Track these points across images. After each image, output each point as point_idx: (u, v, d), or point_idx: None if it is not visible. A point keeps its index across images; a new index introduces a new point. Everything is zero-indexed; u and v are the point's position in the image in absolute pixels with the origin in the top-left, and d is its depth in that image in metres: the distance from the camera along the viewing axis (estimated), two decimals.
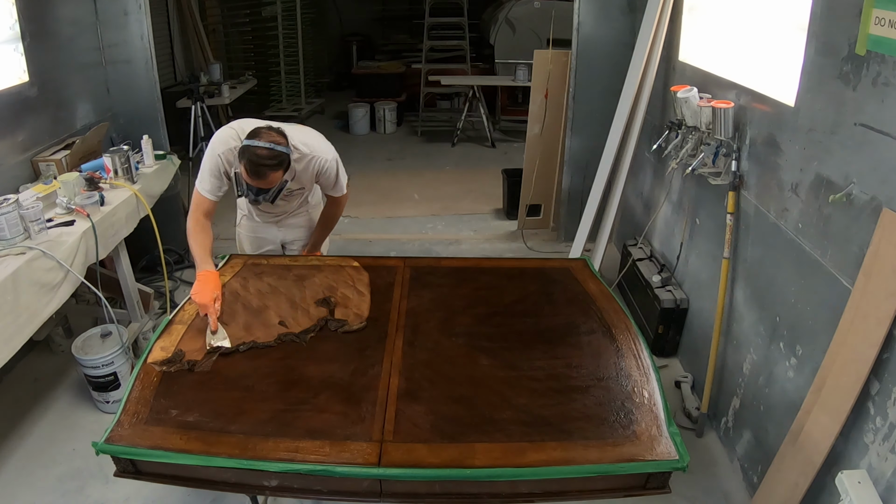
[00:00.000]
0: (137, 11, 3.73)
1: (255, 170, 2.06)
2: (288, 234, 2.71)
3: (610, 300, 2.22)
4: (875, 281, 1.61)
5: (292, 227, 2.70)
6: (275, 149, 2.06)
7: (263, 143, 2.05)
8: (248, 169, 2.07)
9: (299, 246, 2.75)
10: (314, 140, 2.36)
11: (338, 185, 2.46)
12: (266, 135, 2.08)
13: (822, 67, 1.90)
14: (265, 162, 2.05)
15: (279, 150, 2.08)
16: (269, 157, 2.05)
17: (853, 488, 1.52)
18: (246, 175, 2.11)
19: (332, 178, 2.42)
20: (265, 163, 2.06)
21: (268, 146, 2.05)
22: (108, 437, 1.56)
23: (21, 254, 2.23)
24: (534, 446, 1.54)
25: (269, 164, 2.06)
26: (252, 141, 2.06)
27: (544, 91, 4.25)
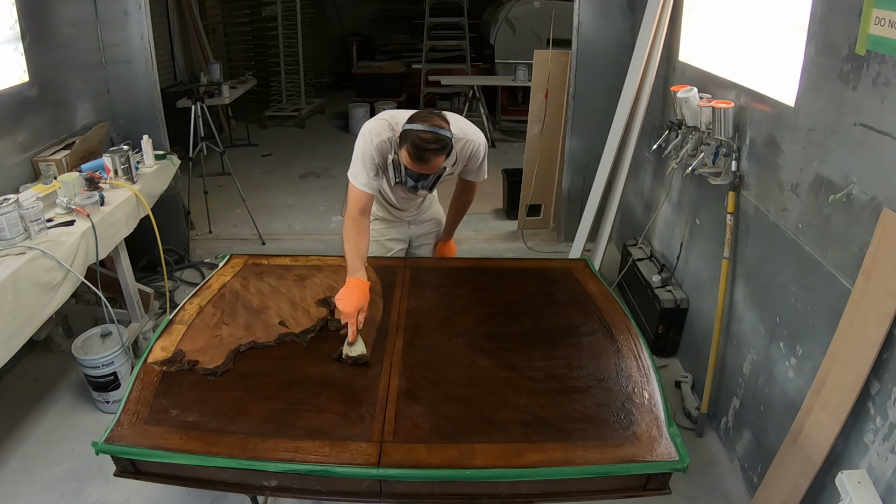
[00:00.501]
0: (137, 11, 3.73)
1: (419, 154, 1.98)
2: (419, 230, 2.63)
3: (610, 300, 2.22)
4: (875, 281, 1.61)
5: (424, 223, 2.63)
6: (438, 132, 1.97)
7: (427, 127, 1.96)
8: (412, 153, 1.98)
9: (431, 240, 2.68)
10: (465, 124, 2.28)
11: (482, 170, 2.43)
12: (429, 119, 2.00)
13: (822, 67, 1.90)
14: (429, 146, 1.96)
15: (442, 134, 1.98)
16: (433, 141, 1.97)
17: (853, 488, 1.52)
18: (409, 160, 2.02)
19: (479, 162, 2.38)
20: (430, 147, 1.97)
21: (432, 130, 1.96)
22: (108, 437, 1.56)
23: (21, 254, 2.23)
24: (534, 447, 1.53)
25: (434, 147, 1.97)
26: (414, 125, 1.98)
27: (544, 91, 4.25)
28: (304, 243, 4.53)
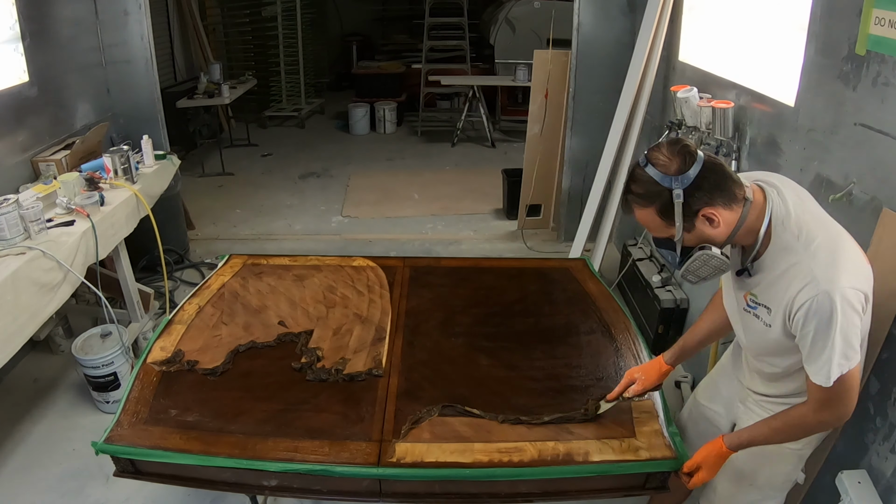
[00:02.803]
0: (137, 11, 3.72)
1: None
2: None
3: (609, 300, 2.22)
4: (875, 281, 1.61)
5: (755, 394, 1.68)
6: (637, 167, 1.35)
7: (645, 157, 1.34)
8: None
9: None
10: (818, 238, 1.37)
11: (811, 357, 1.35)
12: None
13: (822, 67, 1.90)
14: (628, 184, 1.35)
15: (637, 170, 1.34)
16: (630, 178, 1.38)
17: (853, 488, 1.52)
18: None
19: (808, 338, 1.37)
20: (628, 185, 1.35)
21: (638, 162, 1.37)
22: (108, 437, 1.56)
23: (21, 254, 2.23)
24: (533, 446, 1.54)
25: (629, 187, 1.35)
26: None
27: (544, 91, 4.25)
28: (304, 243, 4.53)
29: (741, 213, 1.28)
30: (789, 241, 1.27)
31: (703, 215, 1.26)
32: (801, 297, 1.22)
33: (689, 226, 1.28)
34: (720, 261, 1.30)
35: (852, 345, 1.22)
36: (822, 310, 1.20)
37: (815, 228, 1.27)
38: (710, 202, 1.25)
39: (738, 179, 1.30)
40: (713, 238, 1.29)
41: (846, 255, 1.25)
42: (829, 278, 1.20)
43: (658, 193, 1.26)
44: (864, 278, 1.26)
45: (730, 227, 1.28)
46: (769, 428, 1.38)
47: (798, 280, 1.23)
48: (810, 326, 1.22)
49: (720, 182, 1.25)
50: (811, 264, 1.23)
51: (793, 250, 1.26)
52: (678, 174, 1.23)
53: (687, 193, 1.24)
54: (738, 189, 1.27)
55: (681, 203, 1.24)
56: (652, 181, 1.26)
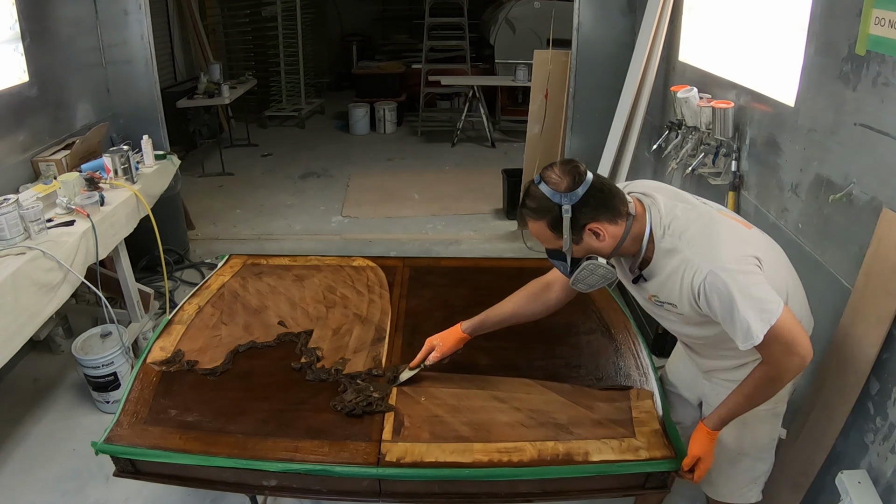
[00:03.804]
0: (137, 11, 3.72)
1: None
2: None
3: (609, 300, 2.22)
4: (875, 281, 1.61)
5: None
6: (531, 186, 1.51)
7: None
8: None
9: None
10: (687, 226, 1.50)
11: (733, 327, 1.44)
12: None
13: (822, 67, 1.90)
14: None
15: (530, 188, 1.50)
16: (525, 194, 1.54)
17: (853, 488, 1.52)
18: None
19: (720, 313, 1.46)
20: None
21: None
22: (108, 437, 1.56)
23: (21, 254, 2.23)
24: (533, 446, 1.53)
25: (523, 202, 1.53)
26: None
27: (544, 91, 4.25)
28: (303, 243, 4.53)
29: (625, 227, 1.41)
30: (670, 242, 1.39)
31: (589, 229, 1.39)
32: (695, 284, 1.34)
33: (576, 238, 1.40)
34: (606, 270, 1.43)
35: (764, 298, 1.30)
36: (716, 288, 1.30)
37: (686, 222, 1.39)
38: (596, 218, 1.38)
39: (624, 197, 1.43)
40: (600, 250, 1.42)
41: (719, 233, 1.37)
42: (711, 258, 1.32)
43: (549, 209, 1.38)
44: (743, 244, 1.37)
45: (615, 240, 1.41)
46: (742, 396, 1.44)
47: (687, 271, 1.35)
48: (715, 305, 1.33)
49: (606, 200, 1.39)
50: (691, 253, 1.35)
51: (675, 250, 1.38)
52: (567, 191, 1.36)
53: (575, 209, 1.36)
54: (622, 206, 1.41)
55: (569, 218, 1.37)
56: (544, 197, 1.38)
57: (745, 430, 1.58)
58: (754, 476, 1.67)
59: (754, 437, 1.61)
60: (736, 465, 1.64)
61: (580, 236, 1.40)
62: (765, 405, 1.50)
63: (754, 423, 1.58)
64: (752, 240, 1.42)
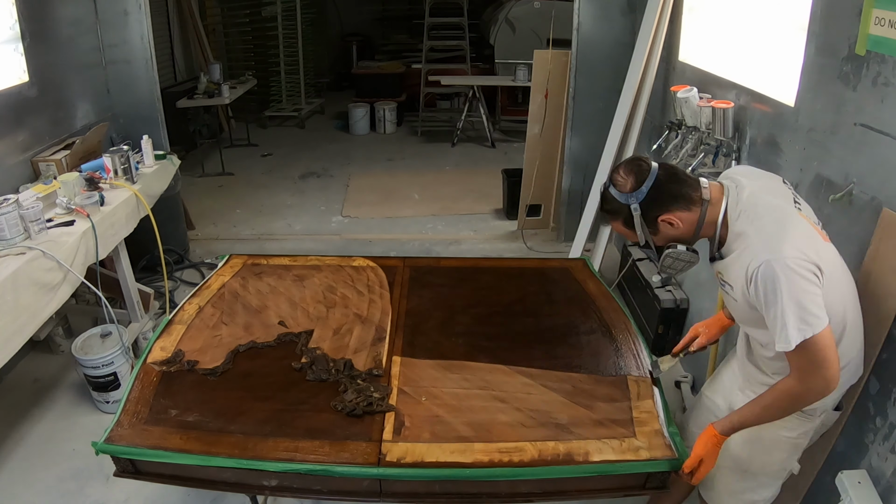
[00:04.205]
0: (137, 11, 3.72)
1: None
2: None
3: (609, 300, 2.22)
4: (875, 281, 1.61)
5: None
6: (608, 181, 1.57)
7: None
8: None
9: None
10: (759, 214, 1.48)
11: (775, 324, 1.39)
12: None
13: (822, 67, 1.90)
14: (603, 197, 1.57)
15: (604, 188, 1.56)
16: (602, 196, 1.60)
17: (853, 488, 1.52)
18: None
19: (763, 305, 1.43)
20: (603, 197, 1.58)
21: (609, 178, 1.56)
22: (108, 437, 1.56)
23: (21, 254, 2.23)
24: (533, 446, 1.54)
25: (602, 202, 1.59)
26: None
27: (544, 91, 4.24)
28: (304, 243, 4.53)
29: (700, 212, 1.44)
30: (742, 226, 1.40)
31: (662, 220, 1.44)
32: (750, 269, 1.34)
33: (653, 230, 1.47)
34: (689, 255, 1.47)
35: (809, 310, 1.29)
36: (767, 277, 1.30)
37: (764, 212, 1.39)
38: (667, 209, 1.43)
39: (695, 183, 1.45)
40: (678, 237, 1.47)
41: (790, 230, 1.36)
42: (771, 249, 1.32)
43: (620, 209, 1.46)
44: (809, 250, 1.33)
45: (692, 226, 1.45)
46: (759, 406, 1.43)
47: (747, 255, 1.36)
48: (761, 294, 1.33)
49: (674, 190, 1.43)
50: (756, 239, 1.35)
51: (745, 234, 1.39)
52: (633, 191, 1.43)
53: (643, 206, 1.43)
54: (693, 192, 1.44)
55: (639, 215, 1.44)
56: (614, 199, 1.46)
57: (759, 451, 1.56)
58: (753, 499, 1.65)
59: (766, 459, 1.58)
60: (739, 483, 1.63)
61: (655, 228, 1.46)
62: (788, 432, 1.51)
63: (770, 447, 1.55)
64: (822, 251, 1.38)
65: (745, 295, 1.38)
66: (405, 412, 1.64)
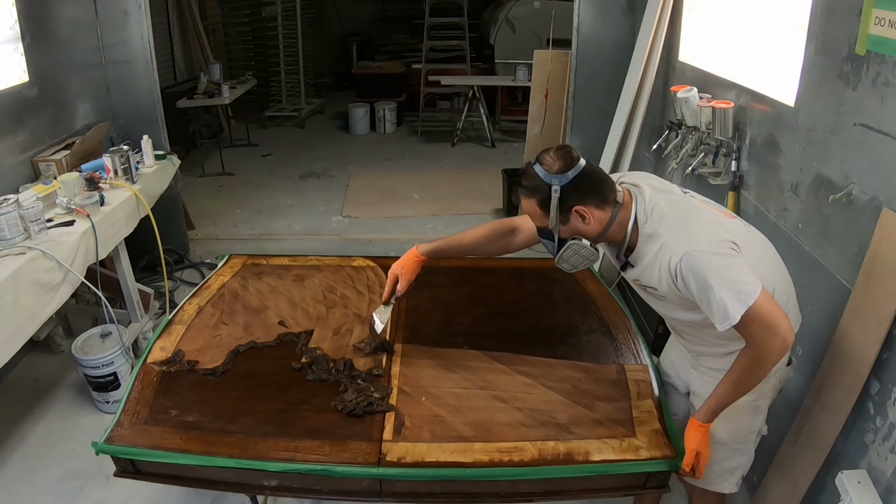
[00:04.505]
0: (137, 11, 3.72)
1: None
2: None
3: (609, 300, 2.22)
4: (875, 281, 1.61)
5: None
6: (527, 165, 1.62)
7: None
8: None
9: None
10: (665, 209, 1.54)
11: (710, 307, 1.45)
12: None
13: (822, 67, 1.90)
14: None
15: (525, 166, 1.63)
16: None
17: (853, 488, 1.52)
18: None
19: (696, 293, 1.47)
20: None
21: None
22: (108, 437, 1.56)
23: (21, 254, 2.23)
24: (533, 445, 1.54)
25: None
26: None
27: (544, 91, 4.25)
28: (303, 243, 4.53)
29: (612, 213, 1.49)
30: (651, 227, 1.45)
31: (576, 211, 1.47)
32: (672, 265, 1.39)
33: (563, 218, 1.49)
34: (590, 251, 1.51)
35: (740, 280, 1.34)
36: (691, 268, 1.35)
37: (667, 209, 1.45)
38: (583, 201, 1.46)
39: (613, 185, 1.50)
40: (586, 233, 1.50)
41: (697, 219, 1.44)
42: (686, 241, 1.38)
43: (539, 187, 1.47)
44: (718, 230, 1.41)
45: (601, 224, 1.49)
46: (730, 383, 1.46)
47: (664, 254, 1.41)
48: (691, 285, 1.37)
49: (594, 186, 1.47)
50: (669, 237, 1.41)
51: (655, 234, 1.44)
52: (558, 173, 1.45)
53: (563, 191, 1.45)
54: (610, 193, 1.49)
55: (557, 197, 1.46)
56: (536, 176, 1.48)
57: (724, 420, 1.58)
58: (730, 467, 1.68)
59: (733, 427, 1.62)
60: (714, 454, 1.63)
61: (567, 217, 1.48)
62: (746, 397, 1.52)
63: (733, 415, 1.58)
64: (731, 227, 1.47)
65: (673, 290, 1.43)
66: (405, 412, 1.64)
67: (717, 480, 1.70)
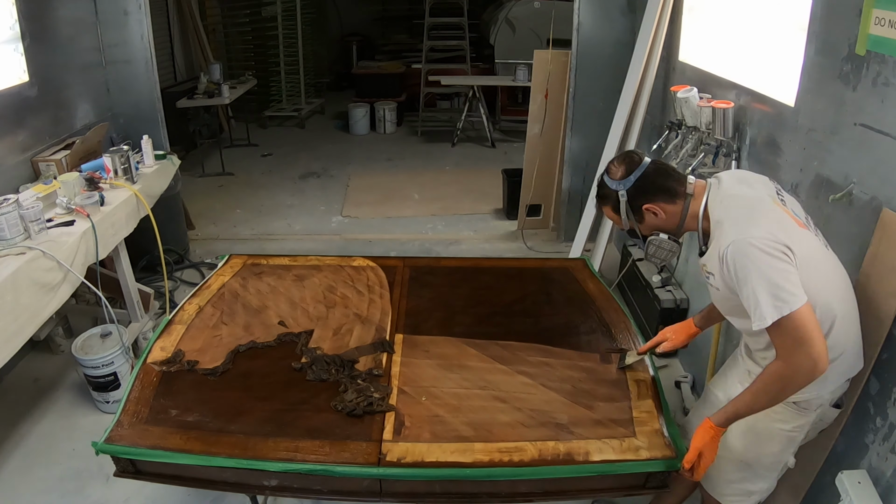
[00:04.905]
0: (137, 11, 3.72)
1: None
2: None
3: (609, 300, 2.22)
4: (875, 281, 1.61)
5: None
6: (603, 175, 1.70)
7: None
8: None
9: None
10: (731, 203, 1.55)
11: (749, 301, 1.42)
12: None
13: (822, 67, 1.90)
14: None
15: (601, 179, 1.68)
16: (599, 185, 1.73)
17: (853, 488, 1.52)
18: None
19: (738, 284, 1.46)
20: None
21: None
22: (108, 437, 1.56)
23: (21, 254, 2.23)
24: (533, 445, 1.54)
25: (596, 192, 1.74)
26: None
27: (544, 91, 4.25)
28: (303, 243, 4.53)
29: (683, 205, 1.54)
30: (719, 214, 1.48)
31: (646, 209, 1.56)
32: (721, 250, 1.41)
33: (639, 218, 1.59)
34: (671, 244, 1.60)
35: (782, 287, 1.32)
36: (736, 255, 1.37)
37: (736, 201, 1.48)
38: (652, 199, 1.54)
39: (682, 178, 1.57)
40: (663, 227, 1.59)
41: (758, 214, 1.43)
42: (740, 230, 1.39)
43: (610, 195, 1.59)
44: (778, 232, 1.38)
45: (676, 217, 1.56)
46: (750, 393, 1.44)
47: (721, 240, 1.43)
48: (733, 273, 1.38)
49: (661, 182, 1.54)
50: (728, 224, 1.43)
51: (721, 221, 1.46)
52: (622, 179, 1.56)
53: (630, 193, 1.55)
54: (679, 186, 1.55)
55: (625, 201, 1.56)
56: (605, 185, 1.60)
57: (754, 442, 1.59)
58: (749, 489, 1.67)
59: (761, 451, 1.61)
60: (736, 471, 1.65)
61: (641, 216, 1.58)
62: (782, 424, 1.54)
63: (765, 439, 1.58)
64: (796, 235, 1.41)
65: (724, 278, 1.43)
66: (405, 412, 1.64)
67: (732, 498, 1.69)
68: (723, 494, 1.69)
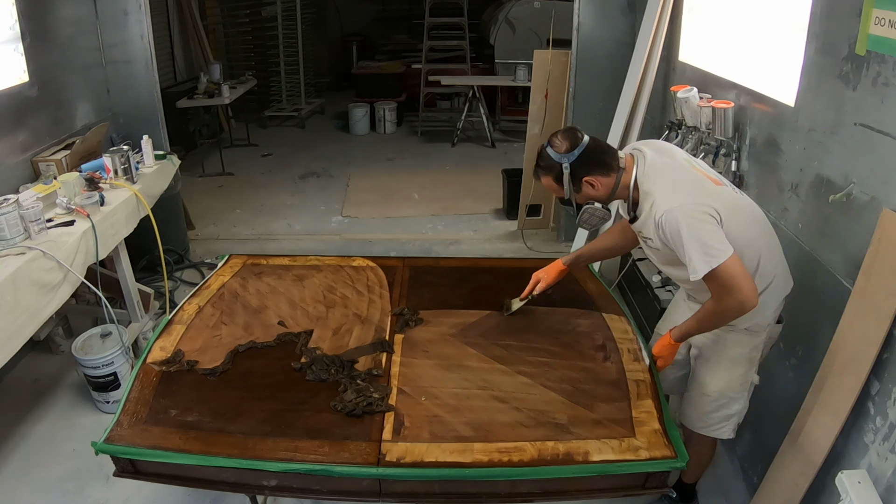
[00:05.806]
0: (137, 11, 3.72)
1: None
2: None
3: (609, 300, 2.22)
4: (875, 281, 1.61)
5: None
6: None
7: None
8: None
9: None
10: (660, 172, 1.76)
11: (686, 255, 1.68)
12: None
13: (822, 67, 1.90)
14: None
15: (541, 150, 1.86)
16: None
17: (853, 488, 1.52)
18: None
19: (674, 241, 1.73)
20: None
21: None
22: (108, 437, 1.56)
23: (21, 254, 2.23)
24: (533, 446, 1.53)
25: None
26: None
27: (544, 91, 4.25)
28: (303, 243, 4.53)
29: (616, 178, 1.73)
30: (647, 186, 1.68)
31: (585, 181, 1.72)
32: (657, 219, 1.63)
33: (576, 188, 1.75)
34: (603, 212, 1.78)
35: (710, 244, 1.56)
36: (670, 223, 1.59)
37: (662, 171, 1.68)
38: (590, 172, 1.71)
39: (615, 154, 1.74)
40: (597, 197, 1.76)
41: (685, 182, 1.66)
42: (668, 200, 1.61)
43: (553, 167, 1.73)
44: (702, 196, 1.62)
45: (608, 189, 1.74)
46: (695, 320, 1.75)
47: (654, 208, 1.64)
48: (669, 237, 1.61)
49: (598, 158, 1.71)
50: (658, 196, 1.64)
51: (650, 192, 1.67)
52: (566, 153, 1.70)
53: (573, 166, 1.70)
54: (613, 161, 1.73)
55: (568, 173, 1.71)
56: (549, 157, 1.73)
57: (722, 372, 1.86)
58: (727, 414, 1.90)
59: (729, 377, 1.86)
60: (712, 401, 1.90)
61: (579, 187, 1.73)
62: (741, 348, 1.82)
63: (730, 366, 1.85)
64: (716, 193, 1.66)
65: (662, 239, 1.65)
66: (405, 412, 1.64)
67: (715, 427, 1.93)
68: (707, 426, 1.94)
